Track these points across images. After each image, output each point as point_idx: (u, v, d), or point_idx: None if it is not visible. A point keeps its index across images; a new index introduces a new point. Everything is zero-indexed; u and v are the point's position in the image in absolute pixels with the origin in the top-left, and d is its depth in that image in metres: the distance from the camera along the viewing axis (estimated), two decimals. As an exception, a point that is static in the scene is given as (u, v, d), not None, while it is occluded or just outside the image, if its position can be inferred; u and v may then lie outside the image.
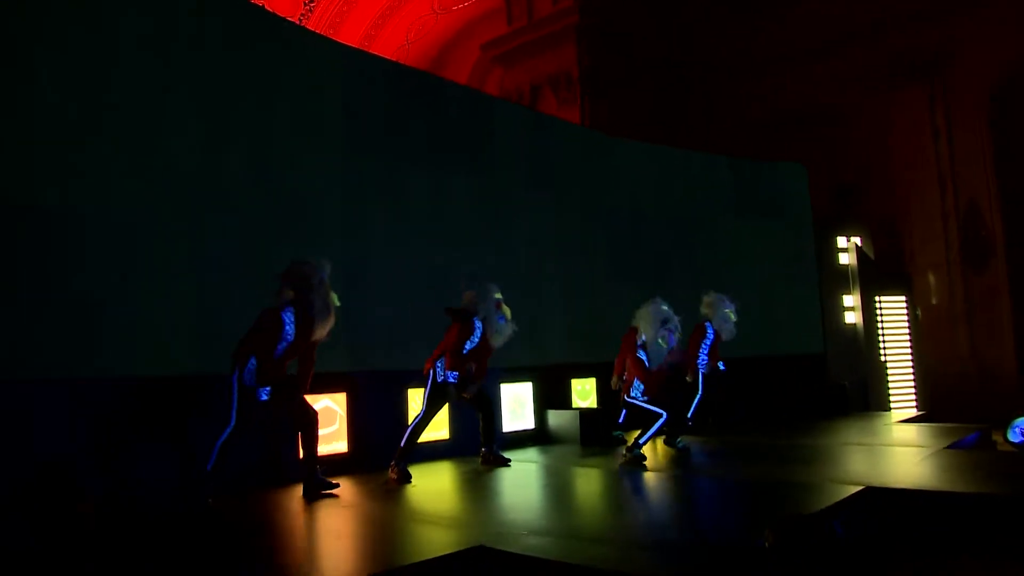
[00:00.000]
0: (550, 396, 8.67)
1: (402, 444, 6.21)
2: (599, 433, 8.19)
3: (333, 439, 6.61)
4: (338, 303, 5.44)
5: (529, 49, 15.00)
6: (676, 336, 6.83)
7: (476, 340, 6.49)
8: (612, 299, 9.53)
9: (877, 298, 11.50)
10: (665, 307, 6.92)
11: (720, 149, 12.18)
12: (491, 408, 6.83)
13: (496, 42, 15.74)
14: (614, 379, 7.66)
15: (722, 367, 8.67)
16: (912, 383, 11.24)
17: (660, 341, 6.75)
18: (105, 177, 5.55)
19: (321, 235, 6.88)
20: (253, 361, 5.21)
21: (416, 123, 7.78)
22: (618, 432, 8.06)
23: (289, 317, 5.30)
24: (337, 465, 6.51)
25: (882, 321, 11.45)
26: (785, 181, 11.59)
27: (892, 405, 11.14)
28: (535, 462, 7.02)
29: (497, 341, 6.59)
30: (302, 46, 7.02)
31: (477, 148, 8.39)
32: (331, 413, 6.62)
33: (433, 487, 5.95)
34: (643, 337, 6.83)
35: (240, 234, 6.30)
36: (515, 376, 8.30)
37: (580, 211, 9.57)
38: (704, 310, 8.49)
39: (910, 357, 11.34)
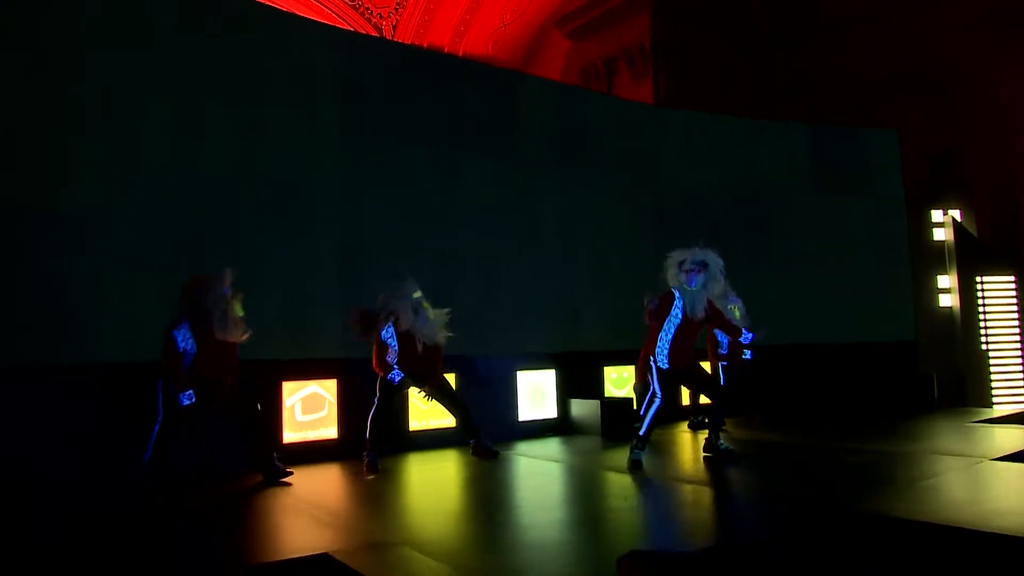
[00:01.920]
0: (580, 385, 8.28)
1: (367, 434, 6.06)
2: (623, 425, 7.73)
3: (321, 425, 6.61)
4: (242, 312, 5.37)
5: (602, 22, 14.29)
6: (700, 279, 5.72)
7: (395, 347, 6.14)
8: (661, 285, 8.97)
9: (979, 278, 10.15)
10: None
11: (806, 120, 11.15)
12: (458, 403, 6.46)
13: (570, 16, 15.18)
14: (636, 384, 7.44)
15: (747, 356, 8.00)
16: (1021, 375, 9.85)
17: (684, 286, 5.74)
18: (83, 165, 5.76)
19: (315, 219, 6.86)
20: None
21: (425, 104, 7.59)
22: (638, 424, 7.58)
23: (182, 334, 5.26)
24: (327, 451, 6.53)
25: (984, 304, 10.10)
26: (873, 150, 10.44)
27: (994, 401, 9.82)
28: (525, 456, 6.68)
29: (430, 340, 6.22)
30: (294, 31, 6.99)
31: (497, 127, 8.09)
32: (319, 399, 6.62)
33: (379, 481, 5.76)
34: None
35: (223, 220, 6.37)
36: (535, 363, 7.99)
37: (622, 191, 9.06)
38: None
39: (1019, 345, 9.94)
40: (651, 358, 5.88)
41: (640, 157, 9.25)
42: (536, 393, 7.95)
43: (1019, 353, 9.84)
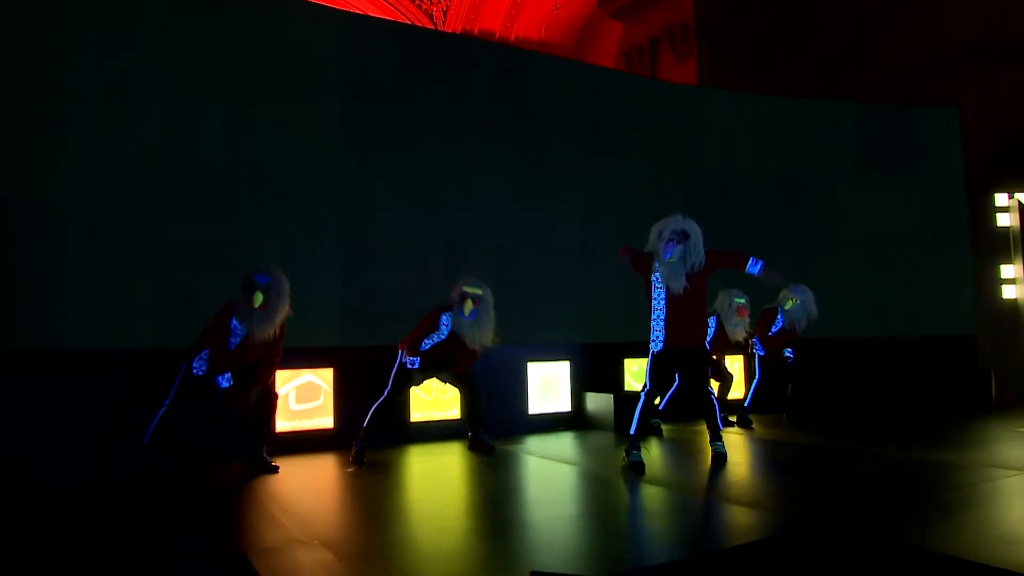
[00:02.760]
0: (598, 378, 7.97)
1: (364, 423, 5.97)
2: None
3: (316, 414, 6.53)
4: (258, 305, 5.33)
5: (644, 1, 13.67)
6: (678, 250, 5.27)
7: (442, 336, 6.08)
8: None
9: (1050, 268, 9.28)
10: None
11: (862, 98, 10.44)
12: (475, 393, 6.29)
13: None
14: None
15: (788, 354, 7.58)
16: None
17: (668, 259, 5.26)
18: (75, 158, 5.81)
19: (314, 207, 6.77)
20: (205, 352, 5.36)
21: (432, 87, 7.39)
22: (656, 420, 7.24)
23: (235, 315, 5.39)
24: (323, 441, 6.45)
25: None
26: (929, 129, 9.69)
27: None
28: (524, 452, 6.43)
29: (472, 342, 6.04)
30: (293, 15, 6.88)
31: (511, 110, 7.82)
32: (315, 388, 6.54)
33: (359, 475, 5.63)
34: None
35: (219, 207, 6.34)
36: (547, 354, 7.72)
37: (649, 174, 8.65)
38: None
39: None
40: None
41: (670, 138, 8.82)
42: (548, 385, 7.69)
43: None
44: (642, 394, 5.48)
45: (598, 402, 7.65)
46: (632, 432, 5.43)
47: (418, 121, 7.29)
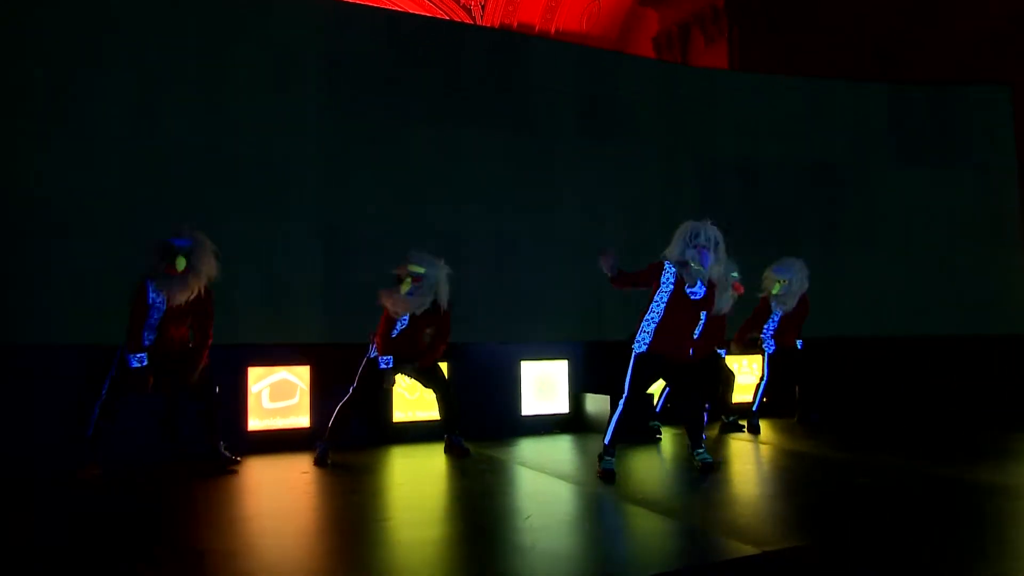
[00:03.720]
0: (601, 378, 7.56)
1: (330, 423, 5.76)
2: (634, 423, 6.96)
3: (291, 413, 6.36)
4: (181, 268, 4.96)
5: None
6: (711, 259, 4.83)
7: (404, 323, 5.73)
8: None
9: (1113, 262, 8.38)
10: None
11: (904, 80, 9.70)
12: (446, 392, 5.97)
13: None
14: None
15: (800, 345, 7.04)
16: None
17: (692, 264, 4.80)
18: (41, 144, 5.81)
19: (293, 199, 6.62)
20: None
21: (420, 74, 7.15)
22: (655, 423, 6.81)
23: (153, 285, 5.04)
24: (298, 440, 6.27)
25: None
26: (977, 110, 8.92)
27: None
28: (498, 456, 6.11)
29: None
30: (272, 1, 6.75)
31: (506, 96, 7.51)
32: (290, 386, 6.38)
33: (314, 478, 5.40)
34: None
35: (191, 200, 6.25)
36: (544, 353, 7.36)
37: (661, 163, 8.23)
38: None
39: None
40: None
41: (682, 124, 8.35)
42: (544, 385, 7.33)
43: None
44: (620, 402, 5.01)
45: (598, 404, 7.25)
46: (606, 441, 4.99)
47: (405, 109, 7.07)
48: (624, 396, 5.02)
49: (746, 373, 8.04)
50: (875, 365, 8.27)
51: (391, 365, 5.70)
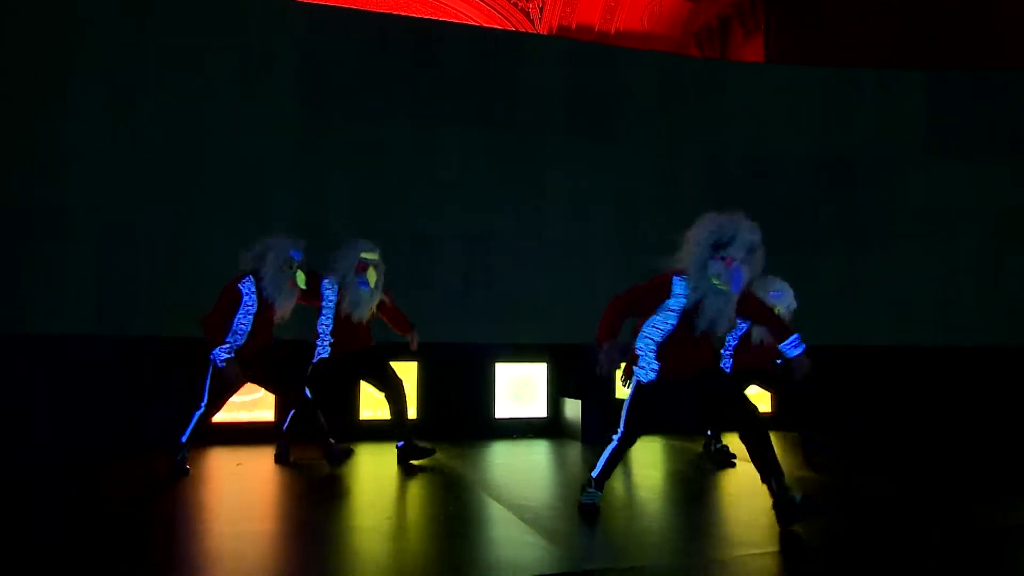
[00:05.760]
0: (584, 382, 7.31)
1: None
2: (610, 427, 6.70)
3: (255, 407, 6.50)
4: (303, 285, 5.09)
5: None
6: (743, 277, 3.60)
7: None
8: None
9: None
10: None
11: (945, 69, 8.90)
12: (398, 392, 5.45)
13: None
14: None
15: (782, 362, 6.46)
16: None
17: (716, 279, 3.58)
18: (14, 148, 6.17)
19: (267, 199, 6.75)
20: (228, 343, 4.93)
21: (399, 74, 7.15)
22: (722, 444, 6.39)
23: (247, 287, 5.00)
24: (262, 433, 6.39)
25: None
26: (1020, 100, 8.08)
27: None
28: (442, 457, 5.99)
29: (361, 316, 5.34)
30: (246, 4, 6.91)
31: (489, 94, 7.40)
32: (254, 381, 6.50)
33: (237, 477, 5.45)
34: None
35: (163, 200, 6.48)
36: (521, 355, 7.18)
37: (659, 158, 7.88)
38: None
39: None
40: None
41: (683, 117, 7.96)
42: (522, 389, 7.16)
43: None
44: (614, 438, 4.04)
45: (575, 408, 7.01)
46: (594, 475, 4.05)
47: (383, 108, 7.08)
48: (619, 434, 4.05)
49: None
50: (899, 378, 7.63)
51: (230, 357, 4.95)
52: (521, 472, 5.52)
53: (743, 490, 4.76)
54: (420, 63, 7.21)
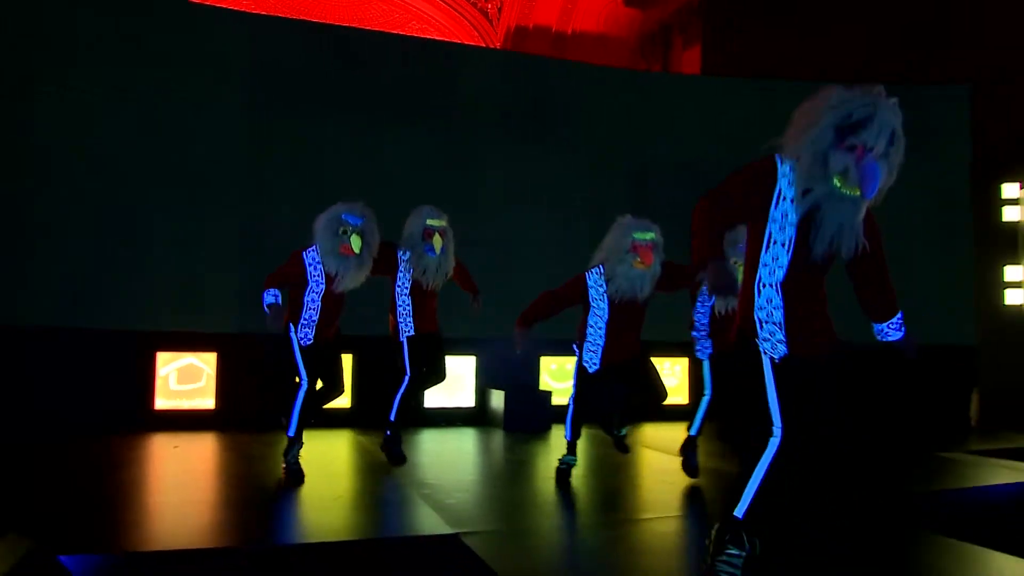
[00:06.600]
0: (512, 375, 7.79)
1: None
2: (529, 417, 7.25)
3: (197, 395, 6.93)
4: (357, 250, 4.73)
5: None
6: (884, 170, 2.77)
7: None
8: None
9: (1062, 270, 7.95)
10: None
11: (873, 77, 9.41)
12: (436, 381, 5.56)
13: None
14: None
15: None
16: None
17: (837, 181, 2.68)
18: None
19: (213, 196, 7.14)
20: (303, 318, 4.77)
21: (343, 81, 7.56)
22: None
23: (311, 257, 4.82)
24: (203, 420, 6.84)
25: (1068, 303, 7.95)
26: (933, 111, 8.61)
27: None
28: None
29: (433, 282, 5.29)
30: (197, 15, 7.29)
31: (432, 101, 7.84)
32: (196, 370, 6.94)
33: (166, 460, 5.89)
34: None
35: (112, 190, 6.85)
36: (453, 349, 7.64)
37: (590, 163, 8.36)
38: None
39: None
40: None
41: (617, 126, 8.45)
42: (451, 380, 7.61)
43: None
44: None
45: (499, 399, 7.52)
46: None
47: (326, 113, 7.49)
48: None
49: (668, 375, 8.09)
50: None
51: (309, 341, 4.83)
52: (438, 456, 6.02)
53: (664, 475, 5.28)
54: (363, 71, 7.63)
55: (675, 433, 5.58)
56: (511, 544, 3.45)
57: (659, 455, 5.98)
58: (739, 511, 2.61)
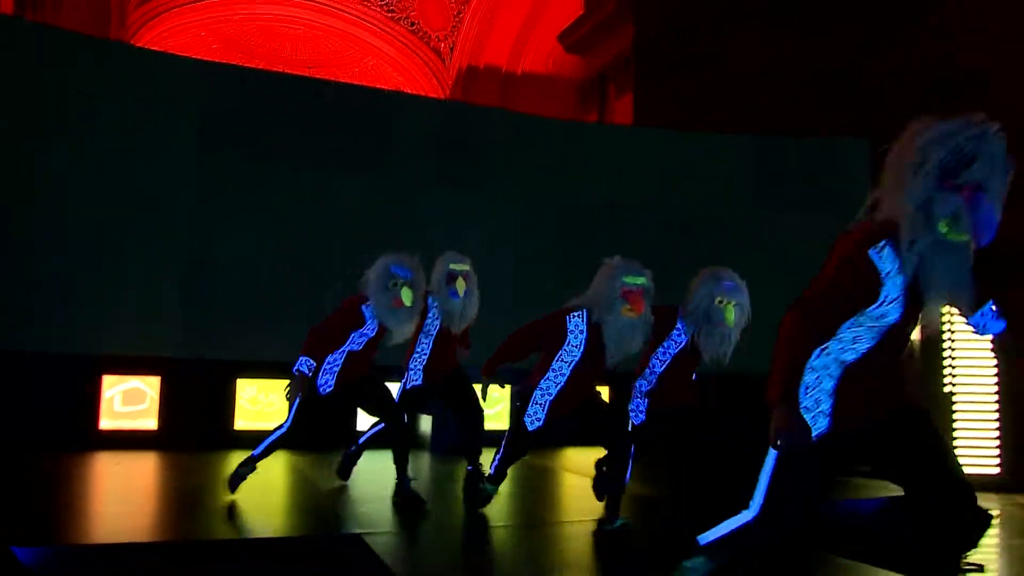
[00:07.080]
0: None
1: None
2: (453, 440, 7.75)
3: (140, 416, 7.32)
4: (408, 303, 4.75)
5: (596, 34, 13.72)
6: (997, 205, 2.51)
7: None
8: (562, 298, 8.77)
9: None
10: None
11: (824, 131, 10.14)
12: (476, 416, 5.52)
13: (569, 29, 14.74)
14: None
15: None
16: (996, 426, 8.36)
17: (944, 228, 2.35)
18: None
19: (164, 232, 7.58)
20: (331, 363, 4.87)
21: (287, 125, 8.09)
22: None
23: (371, 311, 4.83)
24: (146, 440, 7.22)
25: (952, 334, 8.69)
26: (839, 162, 9.43)
27: (960, 458, 8.34)
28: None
29: (459, 325, 5.31)
30: (151, 64, 7.80)
31: (370, 146, 8.40)
32: (140, 393, 7.33)
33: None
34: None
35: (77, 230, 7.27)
36: (388, 377, 8.13)
37: (520, 205, 8.98)
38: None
39: (995, 388, 8.43)
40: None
41: (544, 171, 9.09)
42: (386, 403, 8.12)
43: (995, 397, 8.38)
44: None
45: (428, 423, 8.00)
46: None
47: (273, 158, 8.00)
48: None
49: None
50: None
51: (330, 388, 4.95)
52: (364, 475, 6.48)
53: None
54: (305, 117, 8.18)
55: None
56: (412, 545, 3.95)
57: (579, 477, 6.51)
58: (703, 539, 2.62)
